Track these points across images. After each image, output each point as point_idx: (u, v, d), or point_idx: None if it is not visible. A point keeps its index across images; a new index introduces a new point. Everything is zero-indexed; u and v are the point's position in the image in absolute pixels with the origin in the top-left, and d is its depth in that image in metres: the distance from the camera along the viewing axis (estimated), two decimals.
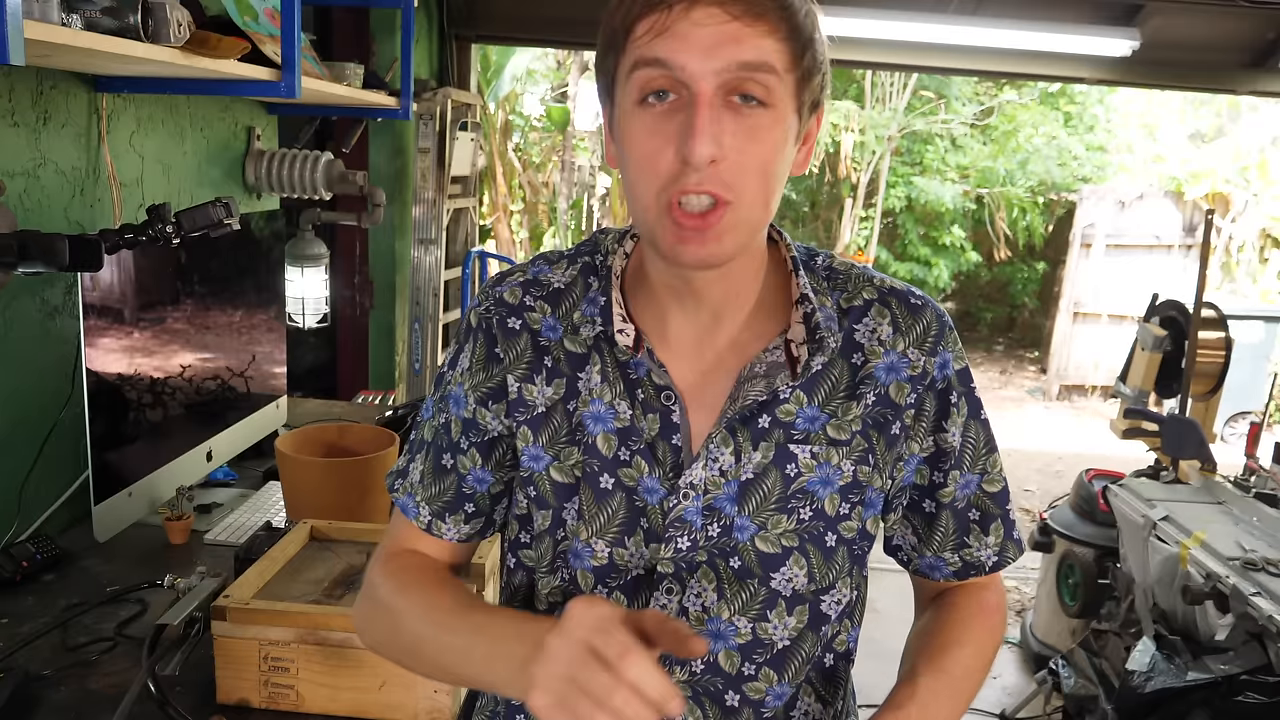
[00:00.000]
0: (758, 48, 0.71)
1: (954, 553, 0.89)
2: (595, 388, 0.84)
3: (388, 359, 3.60)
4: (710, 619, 0.83)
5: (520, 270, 0.91)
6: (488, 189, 8.36)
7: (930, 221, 9.79)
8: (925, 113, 9.55)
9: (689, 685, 0.85)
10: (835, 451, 0.83)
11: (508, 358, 0.87)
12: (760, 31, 0.71)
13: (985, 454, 0.89)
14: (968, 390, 0.88)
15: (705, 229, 0.74)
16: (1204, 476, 2.93)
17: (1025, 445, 7.12)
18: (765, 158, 0.74)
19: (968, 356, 0.89)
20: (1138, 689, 2.34)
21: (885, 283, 0.87)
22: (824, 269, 0.88)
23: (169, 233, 1.52)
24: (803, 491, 0.82)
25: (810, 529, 0.83)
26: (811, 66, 0.75)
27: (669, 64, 0.71)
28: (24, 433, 1.63)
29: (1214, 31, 3.79)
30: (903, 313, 0.85)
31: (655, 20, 0.72)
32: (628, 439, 0.83)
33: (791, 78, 0.74)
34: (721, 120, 0.72)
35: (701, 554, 0.82)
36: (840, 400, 0.83)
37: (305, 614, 1.17)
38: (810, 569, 0.83)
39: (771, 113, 0.73)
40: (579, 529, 0.84)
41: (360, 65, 2.39)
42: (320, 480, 1.57)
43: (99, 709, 1.17)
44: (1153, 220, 8.54)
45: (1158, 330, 3.58)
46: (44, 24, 1.17)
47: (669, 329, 0.85)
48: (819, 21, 0.77)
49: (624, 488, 0.83)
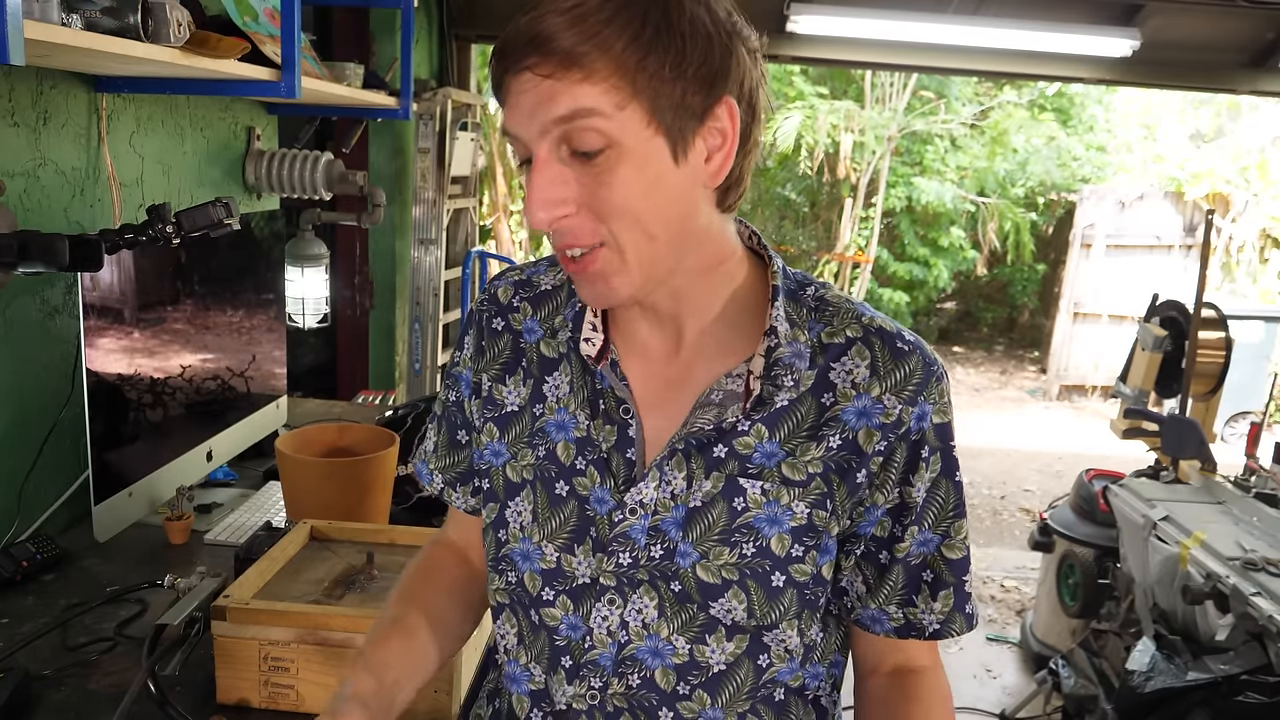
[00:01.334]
0: (572, 98, 0.70)
1: (899, 609, 0.85)
2: (563, 396, 0.86)
3: (388, 359, 3.60)
4: (649, 635, 0.83)
5: (519, 269, 0.93)
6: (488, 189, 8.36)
7: (930, 222, 9.79)
8: (925, 113, 9.55)
9: (624, 698, 0.84)
10: (786, 491, 0.80)
11: (488, 355, 0.91)
12: (573, 81, 0.70)
13: (952, 517, 0.84)
14: (945, 447, 0.83)
15: (585, 273, 0.77)
16: (1204, 476, 2.93)
17: (1025, 445, 7.13)
18: (620, 199, 0.73)
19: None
20: (1138, 689, 2.34)
21: (874, 321, 0.83)
22: (813, 299, 0.84)
23: (169, 233, 1.52)
24: (748, 526, 0.80)
25: (753, 565, 0.80)
26: (659, 81, 0.71)
27: (512, 134, 0.74)
28: (24, 433, 1.63)
29: (1214, 31, 3.79)
30: (884, 356, 0.81)
31: (502, 95, 0.75)
32: (584, 449, 0.84)
33: (631, 108, 0.71)
34: (565, 174, 0.73)
35: (643, 572, 0.82)
36: (801, 440, 0.81)
37: (305, 614, 1.17)
38: (750, 604, 0.81)
39: (614, 151, 0.72)
40: (533, 531, 0.86)
41: (360, 65, 2.39)
42: (320, 480, 1.57)
43: (99, 709, 1.17)
44: (1153, 220, 8.55)
45: (1158, 330, 3.58)
46: (44, 24, 1.17)
47: (638, 338, 0.86)
48: (679, 28, 0.71)
49: (577, 496, 0.84)
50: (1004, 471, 6.39)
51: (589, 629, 0.84)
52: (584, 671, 0.85)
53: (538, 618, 0.87)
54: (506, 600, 0.90)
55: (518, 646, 0.89)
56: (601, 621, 0.84)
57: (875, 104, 9.55)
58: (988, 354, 10.40)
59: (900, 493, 0.83)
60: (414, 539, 1.41)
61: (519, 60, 0.71)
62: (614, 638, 0.83)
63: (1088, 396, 8.74)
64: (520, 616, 0.89)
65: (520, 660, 0.89)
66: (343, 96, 2.23)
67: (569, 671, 0.86)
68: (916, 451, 0.82)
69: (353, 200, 3.08)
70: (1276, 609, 2.14)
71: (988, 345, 10.65)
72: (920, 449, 0.82)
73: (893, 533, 0.84)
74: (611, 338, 0.85)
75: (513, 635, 0.90)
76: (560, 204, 0.73)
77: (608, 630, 0.84)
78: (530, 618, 0.88)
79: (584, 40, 0.69)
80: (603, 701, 0.85)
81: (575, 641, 0.85)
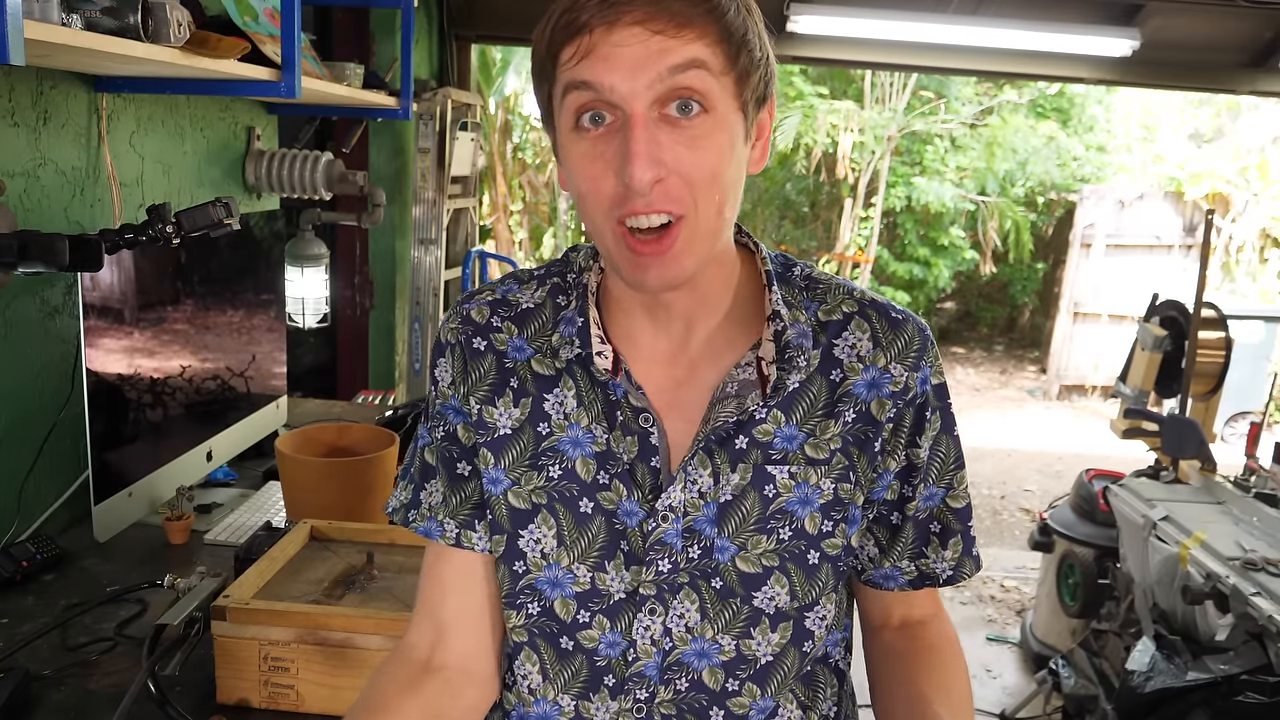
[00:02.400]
0: (686, 51, 0.70)
1: (911, 561, 0.88)
2: (571, 412, 0.83)
3: (388, 359, 3.60)
4: (694, 638, 0.83)
5: (489, 289, 0.89)
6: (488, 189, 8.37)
7: (930, 222, 9.79)
8: (925, 113, 9.55)
9: (673, 704, 0.84)
10: (813, 471, 0.82)
11: (473, 377, 0.86)
12: (687, 39, 0.70)
13: (953, 469, 0.88)
14: (943, 405, 0.87)
15: (663, 251, 0.73)
16: (1204, 476, 2.93)
17: (1025, 445, 7.12)
18: (712, 165, 0.72)
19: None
20: (1138, 689, 2.34)
21: (865, 295, 0.86)
22: (802, 278, 0.86)
23: (169, 233, 1.52)
24: (782, 512, 0.81)
25: (791, 548, 0.82)
26: (749, 65, 0.74)
27: (597, 86, 0.71)
28: (24, 433, 1.63)
29: (1214, 31, 3.78)
30: (883, 327, 0.83)
31: (578, 45, 0.71)
32: (606, 463, 0.82)
33: (729, 79, 0.72)
34: (659, 137, 0.71)
35: (683, 575, 0.82)
36: (819, 419, 0.82)
37: (305, 614, 1.17)
38: (792, 587, 0.82)
39: (711, 117, 0.72)
40: (559, 555, 0.83)
41: (360, 65, 2.39)
42: (320, 480, 1.57)
43: (99, 709, 1.17)
44: (1153, 220, 8.54)
45: (1158, 330, 3.58)
46: (44, 24, 1.17)
47: (642, 342, 0.84)
48: (756, 18, 0.76)
49: (603, 511, 0.82)
50: (1004, 471, 6.39)
51: (631, 642, 0.83)
52: (629, 685, 0.84)
53: (571, 644, 0.85)
54: (526, 638, 0.86)
55: (543, 684, 0.86)
56: (644, 632, 0.83)
57: (875, 104, 9.55)
58: (988, 354, 10.40)
59: (908, 454, 0.85)
60: (414, 539, 1.41)
61: (626, 13, 0.69)
62: (658, 646, 0.83)
63: (1088, 396, 8.74)
64: (545, 649, 0.86)
65: (548, 696, 0.86)
66: (343, 96, 2.23)
67: (612, 689, 0.84)
68: (921, 413, 0.84)
69: (353, 200, 3.08)
70: (1276, 609, 2.14)
71: (988, 345, 10.65)
72: (925, 411, 0.85)
73: (902, 494, 0.86)
74: (616, 348, 0.84)
75: (536, 674, 0.86)
76: (661, 164, 0.71)
77: (651, 640, 0.83)
78: (559, 646, 0.85)
79: (698, 3, 0.71)
80: (649, 713, 0.84)
81: (616, 658, 0.84)
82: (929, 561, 0.88)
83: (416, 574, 1.32)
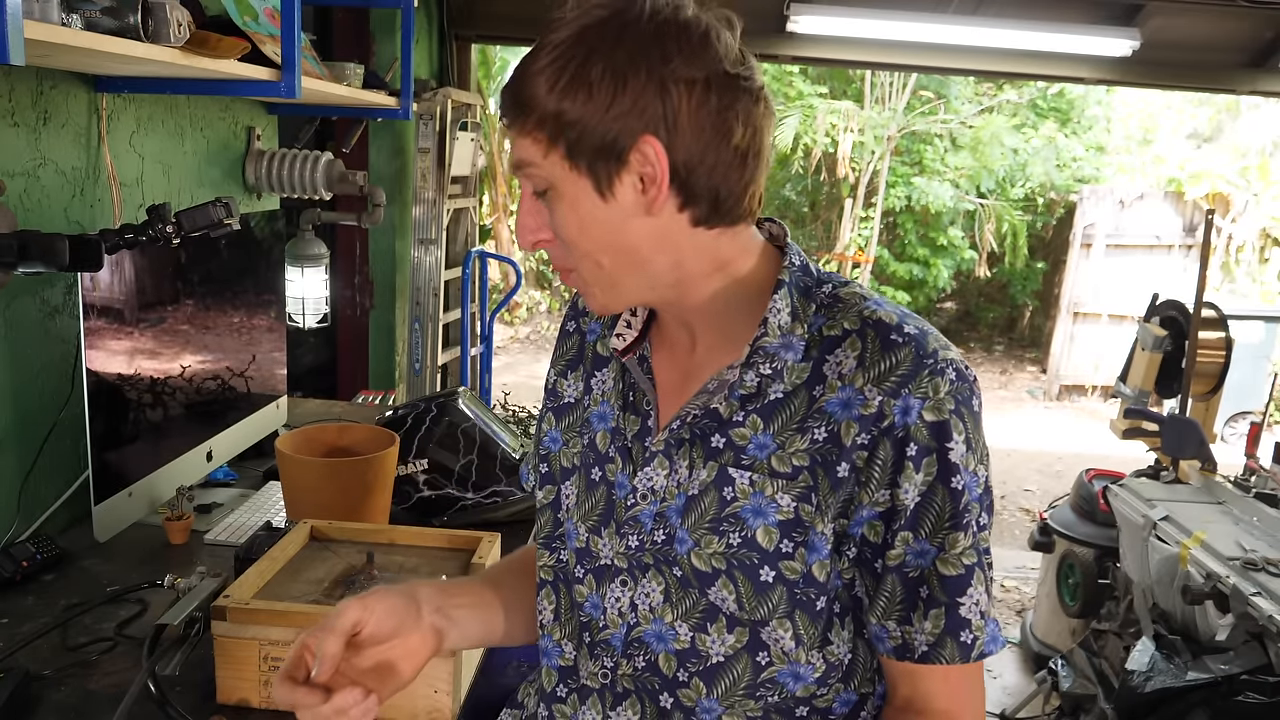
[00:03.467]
0: (518, 149, 0.80)
1: (897, 625, 0.81)
2: (606, 390, 0.93)
3: (388, 359, 3.60)
4: (655, 619, 0.86)
5: None
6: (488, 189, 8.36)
7: (929, 222, 9.79)
8: (925, 113, 9.54)
9: (632, 680, 0.88)
10: (771, 483, 0.80)
11: (559, 352, 1.01)
12: (518, 134, 0.80)
13: (948, 529, 0.78)
14: (940, 448, 0.78)
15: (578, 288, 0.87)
16: (1204, 476, 2.93)
17: (1025, 445, 7.12)
18: (569, 231, 0.81)
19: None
20: (1137, 689, 2.34)
21: (875, 314, 0.81)
22: (827, 296, 0.84)
23: (169, 233, 1.52)
24: (735, 517, 0.82)
25: (740, 557, 0.81)
26: (571, 133, 0.76)
27: None
28: (24, 433, 1.63)
29: (1214, 31, 3.78)
30: (874, 347, 0.79)
31: None
32: (615, 437, 0.91)
33: (556, 154, 0.78)
34: (539, 208, 0.82)
35: (648, 556, 0.86)
36: (791, 432, 0.81)
37: (305, 614, 1.17)
38: (739, 596, 0.82)
39: (554, 193, 0.80)
40: (574, 512, 0.93)
41: (360, 65, 2.39)
42: (320, 480, 1.57)
43: (99, 709, 1.17)
44: (1153, 220, 8.54)
45: (1158, 330, 3.58)
46: (44, 24, 1.17)
47: (668, 335, 0.92)
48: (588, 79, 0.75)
49: (606, 481, 0.90)
50: (1004, 471, 6.39)
51: (604, 608, 0.89)
52: (598, 650, 0.90)
53: (570, 596, 0.93)
54: (550, 577, 0.96)
55: (553, 622, 0.95)
56: (614, 602, 0.88)
57: (875, 104, 9.55)
58: (988, 354, 10.39)
59: (890, 495, 0.79)
60: (414, 539, 1.41)
61: (503, 114, 0.81)
62: (624, 619, 0.88)
63: (1088, 396, 8.74)
64: (560, 593, 0.95)
65: (554, 636, 0.95)
66: (343, 96, 2.23)
67: (589, 649, 0.91)
68: (901, 449, 0.78)
69: (353, 200, 3.07)
70: (1276, 609, 2.14)
71: (988, 345, 10.65)
72: (905, 446, 0.78)
73: (884, 539, 0.80)
74: (651, 335, 0.92)
75: (549, 611, 0.95)
76: (534, 231, 0.83)
77: (619, 611, 0.88)
78: (570, 595, 0.94)
79: (521, 94, 0.78)
80: (613, 681, 0.89)
81: (594, 620, 0.90)
82: (911, 629, 0.80)
83: (416, 574, 1.32)
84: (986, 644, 0.81)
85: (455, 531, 1.43)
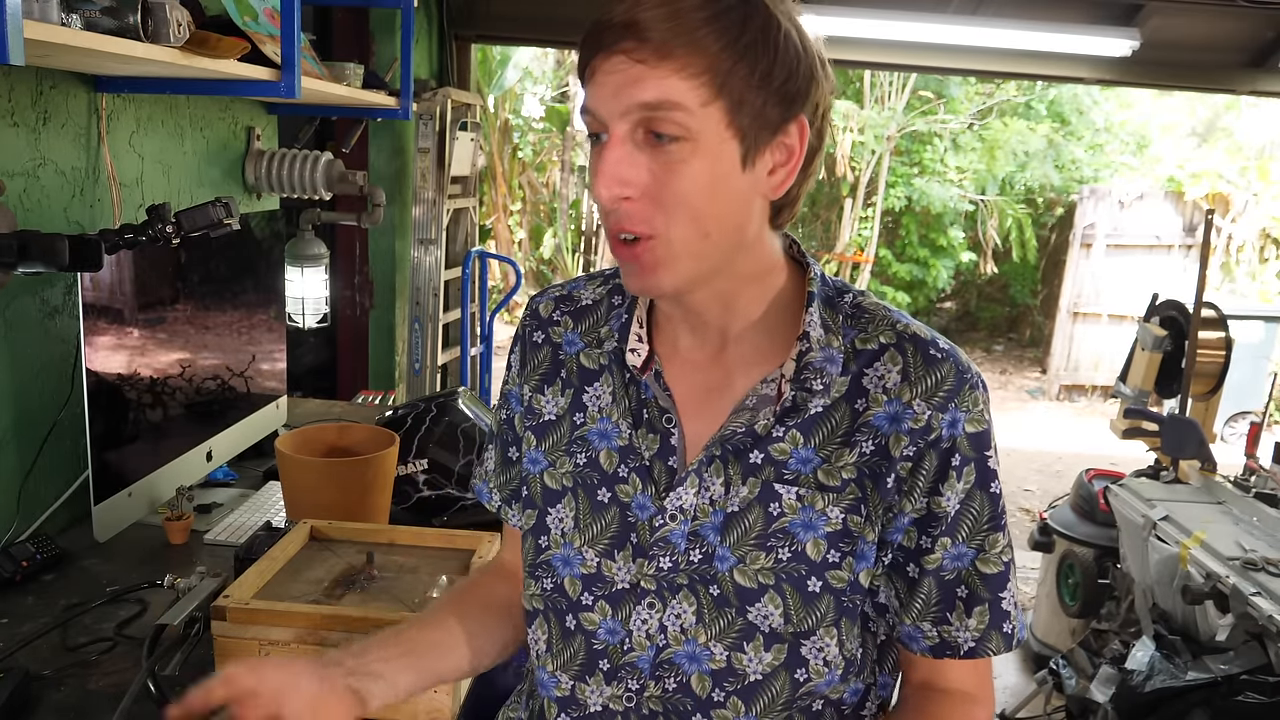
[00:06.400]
0: (660, 88, 0.72)
1: (934, 626, 0.84)
2: (605, 406, 0.89)
3: (388, 359, 3.60)
4: (687, 640, 0.84)
5: (561, 286, 0.97)
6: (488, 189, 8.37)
7: (930, 222, 9.78)
8: (925, 112, 9.54)
9: (660, 701, 0.85)
10: (821, 496, 0.81)
11: (528, 367, 0.95)
12: (664, 73, 0.72)
13: (987, 530, 0.83)
14: (980, 457, 0.82)
15: (635, 261, 0.78)
16: (1204, 476, 2.93)
17: (1025, 445, 7.12)
18: (684, 190, 0.74)
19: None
20: (1137, 689, 2.34)
21: (909, 328, 0.83)
22: (850, 306, 0.85)
23: (169, 233, 1.52)
24: (783, 531, 0.81)
25: (789, 570, 0.81)
26: (744, 92, 0.73)
27: (591, 110, 0.77)
28: (24, 433, 1.63)
29: (1214, 31, 3.78)
30: (916, 362, 0.81)
31: (587, 71, 0.77)
32: (627, 457, 0.87)
33: (716, 107, 0.73)
34: (636, 157, 0.75)
35: (683, 576, 0.84)
36: (835, 446, 0.82)
37: (305, 614, 1.16)
38: (786, 609, 0.82)
39: (690, 145, 0.74)
40: (574, 536, 0.88)
41: (360, 65, 2.39)
42: (320, 480, 1.57)
43: (99, 709, 1.17)
44: (1153, 220, 8.54)
45: (1158, 330, 3.58)
46: (44, 24, 1.16)
47: (681, 347, 0.88)
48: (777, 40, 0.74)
49: (619, 503, 0.86)
50: (1004, 471, 6.30)
51: (628, 632, 0.86)
52: (622, 674, 0.87)
53: (574, 622, 0.89)
54: (541, 606, 0.92)
55: (546, 654, 0.92)
56: (641, 625, 0.85)
57: (875, 104, 9.55)
58: (988, 354, 10.39)
59: (929, 503, 0.81)
60: (414, 539, 1.41)
61: (614, 42, 0.73)
62: (652, 641, 0.85)
63: (1088, 396, 8.74)
64: (553, 623, 0.91)
65: (548, 668, 0.91)
66: (343, 96, 2.22)
67: (606, 674, 0.87)
68: (947, 460, 0.81)
69: (353, 200, 3.07)
70: (1276, 609, 2.14)
71: (988, 345, 10.65)
72: (950, 457, 0.81)
73: (920, 544, 0.83)
74: (655, 347, 0.88)
75: (542, 642, 0.92)
76: (625, 184, 0.75)
77: (646, 634, 0.85)
78: (564, 623, 0.90)
79: (681, 34, 0.72)
80: (639, 704, 0.86)
81: (614, 645, 0.87)
82: (952, 629, 0.83)
83: (416, 574, 1.32)
84: (1019, 631, 0.85)
85: (455, 531, 1.42)
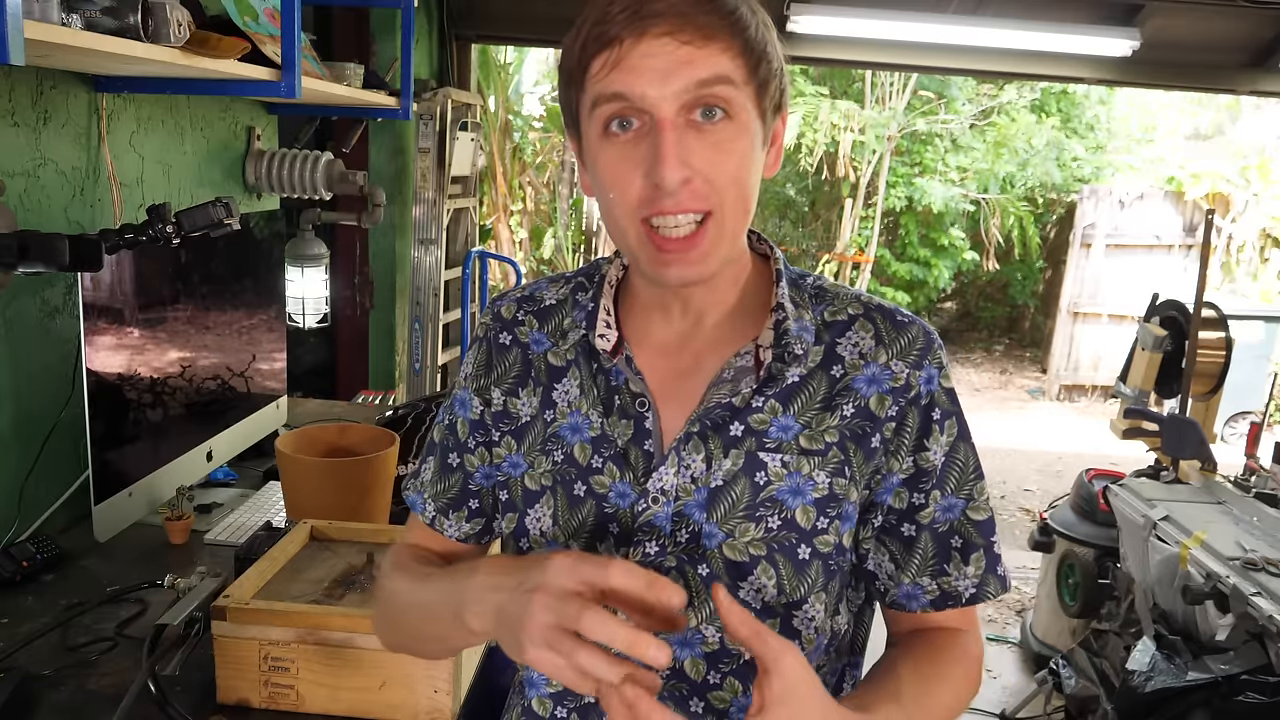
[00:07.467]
0: (712, 65, 0.74)
1: (932, 579, 0.86)
2: (574, 400, 0.88)
3: (388, 359, 3.60)
4: None
5: (523, 286, 0.96)
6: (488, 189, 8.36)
7: (930, 222, 9.78)
8: (925, 112, 9.54)
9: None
10: (806, 461, 0.82)
11: (498, 370, 0.92)
12: (712, 51, 0.74)
13: (973, 480, 0.86)
14: (956, 410, 0.86)
15: (689, 249, 0.77)
16: (1204, 476, 2.93)
17: (1025, 445, 7.12)
18: (734, 168, 0.76)
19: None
20: (1138, 689, 2.34)
21: (873, 300, 0.88)
22: (813, 287, 0.89)
23: (169, 233, 1.52)
24: (771, 500, 0.82)
25: (780, 539, 0.82)
26: (767, 76, 0.78)
27: (627, 96, 0.74)
28: (24, 433, 1.63)
29: (1214, 31, 3.78)
30: (887, 327, 0.85)
31: (607, 57, 0.74)
32: (600, 446, 0.86)
33: (750, 88, 0.76)
34: (686, 140, 0.75)
35: (670, 559, 0.84)
36: (815, 411, 0.83)
37: (305, 614, 1.17)
38: (780, 580, 0.82)
39: (734, 123, 0.76)
40: (555, 534, 0.87)
41: (360, 65, 2.39)
42: (320, 480, 1.57)
43: (99, 709, 1.17)
44: (1153, 220, 8.53)
45: (1158, 330, 3.58)
46: (44, 24, 1.17)
47: (652, 332, 0.88)
48: (773, 33, 0.79)
49: (594, 495, 0.86)
50: (1004, 471, 6.39)
51: None
52: None
53: None
54: None
55: None
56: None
57: (875, 104, 9.55)
58: (988, 354, 10.39)
59: (915, 460, 0.84)
60: None
61: (655, 25, 0.73)
62: None
63: (1088, 396, 8.73)
64: None
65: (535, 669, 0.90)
66: (343, 96, 2.23)
67: None
68: (928, 415, 0.84)
69: (353, 200, 3.07)
70: (1276, 609, 2.14)
71: (988, 345, 10.64)
72: (931, 412, 0.84)
73: (912, 502, 0.85)
74: (624, 334, 0.88)
75: None
76: (688, 165, 0.75)
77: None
78: None
79: (723, 18, 0.74)
80: None
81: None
82: (950, 579, 0.85)
83: None
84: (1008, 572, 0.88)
85: None
